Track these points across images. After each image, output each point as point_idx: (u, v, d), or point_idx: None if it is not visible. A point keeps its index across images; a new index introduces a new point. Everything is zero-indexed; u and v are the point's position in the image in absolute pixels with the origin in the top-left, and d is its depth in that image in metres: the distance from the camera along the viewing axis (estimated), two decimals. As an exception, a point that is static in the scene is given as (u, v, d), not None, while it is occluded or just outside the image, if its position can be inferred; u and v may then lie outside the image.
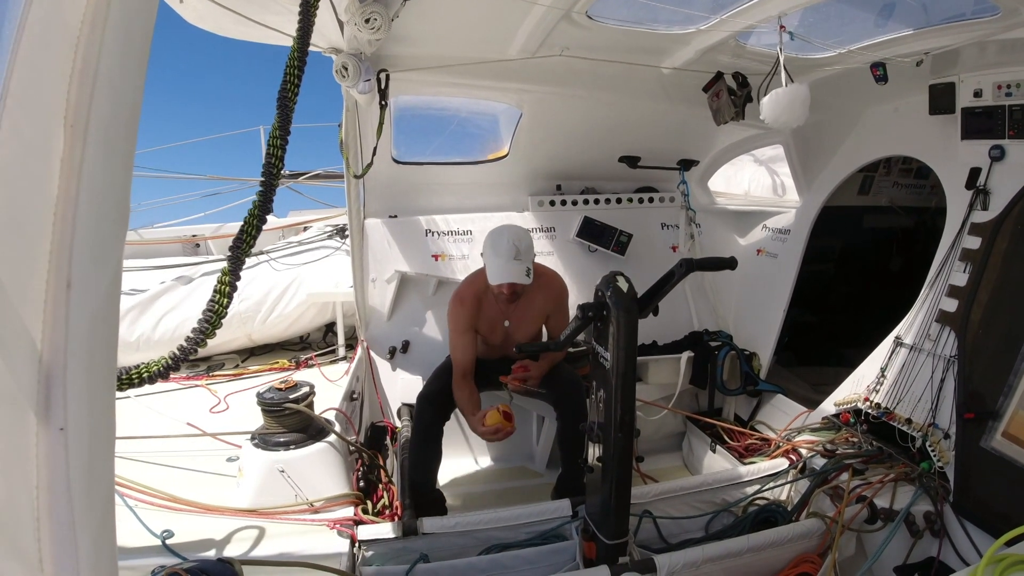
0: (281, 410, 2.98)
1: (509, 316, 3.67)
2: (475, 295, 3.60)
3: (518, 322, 3.69)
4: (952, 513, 2.81)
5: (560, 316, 3.75)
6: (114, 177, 0.98)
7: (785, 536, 2.73)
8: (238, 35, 3.35)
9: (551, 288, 3.72)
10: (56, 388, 0.91)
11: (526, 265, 3.35)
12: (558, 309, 3.74)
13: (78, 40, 0.90)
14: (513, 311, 3.64)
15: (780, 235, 4.82)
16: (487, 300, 3.61)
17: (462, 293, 3.64)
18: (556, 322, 3.75)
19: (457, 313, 3.60)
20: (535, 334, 3.78)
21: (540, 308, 3.69)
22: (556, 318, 3.75)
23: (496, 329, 3.70)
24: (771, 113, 3.16)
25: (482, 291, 3.58)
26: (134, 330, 4.99)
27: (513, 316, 3.67)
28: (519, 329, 3.71)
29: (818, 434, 3.61)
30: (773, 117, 3.15)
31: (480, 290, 3.58)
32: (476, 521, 2.88)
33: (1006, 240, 3.00)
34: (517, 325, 3.70)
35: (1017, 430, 2.69)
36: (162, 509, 2.75)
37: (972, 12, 2.96)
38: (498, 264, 3.34)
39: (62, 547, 0.92)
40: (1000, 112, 3.10)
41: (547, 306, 3.70)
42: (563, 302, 3.76)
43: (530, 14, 3.10)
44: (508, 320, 3.68)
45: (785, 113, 3.12)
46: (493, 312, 3.64)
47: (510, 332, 3.71)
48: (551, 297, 3.70)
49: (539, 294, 3.65)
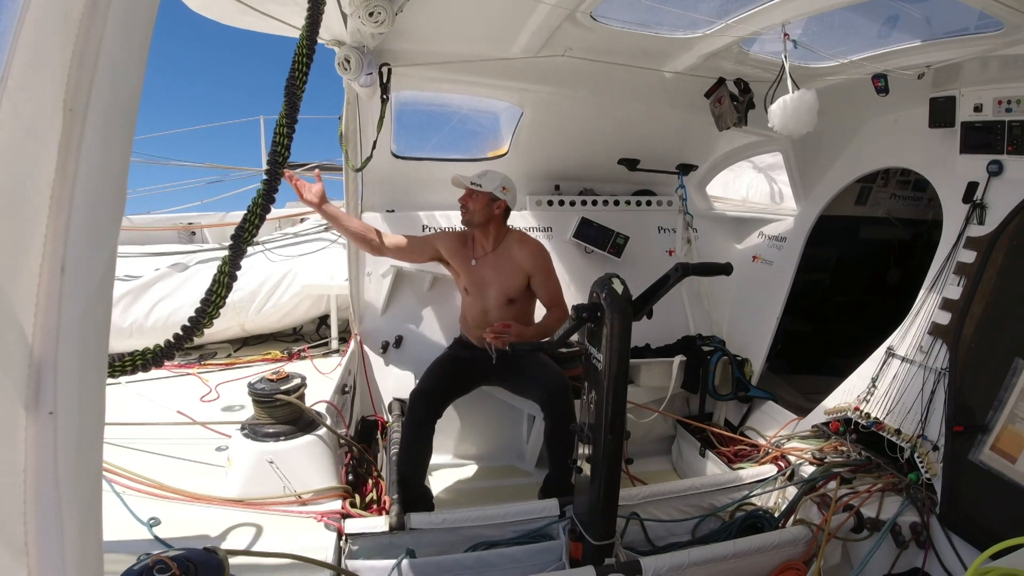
0: (272, 401, 2.98)
1: (478, 256, 3.83)
2: (460, 232, 4.00)
3: (490, 269, 3.79)
4: (938, 525, 2.82)
5: (544, 278, 3.81)
6: (112, 162, 0.98)
7: (771, 542, 2.74)
8: (241, 24, 3.34)
9: (527, 244, 3.85)
10: (47, 372, 0.91)
11: (480, 183, 3.65)
12: (539, 269, 3.79)
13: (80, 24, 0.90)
14: (482, 254, 3.83)
15: (776, 242, 4.83)
16: (468, 241, 3.89)
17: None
18: (542, 285, 3.82)
19: (442, 232, 4.13)
20: (512, 290, 3.78)
21: (516, 262, 3.76)
22: (540, 280, 3.80)
23: (464, 266, 3.86)
24: (779, 120, 3.15)
25: (469, 234, 3.89)
26: (127, 316, 4.98)
27: (483, 259, 3.82)
28: (492, 278, 3.79)
29: (807, 442, 3.62)
30: (782, 124, 3.15)
31: (467, 232, 3.90)
32: (464, 518, 2.88)
33: (1001, 255, 3.01)
34: (489, 272, 3.79)
35: (1006, 444, 2.70)
36: (150, 496, 2.74)
37: (975, 27, 2.97)
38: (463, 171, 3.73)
39: (48, 531, 0.92)
40: (1000, 127, 3.11)
41: (524, 263, 3.76)
42: (542, 261, 3.83)
43: (534, 13, 3.10)
44: (475, 260, 3.83)
45: (793, 120, 3.12)
46: (467, 250, 3.88)
47: (481, 276, 3.81)
48: (528, 253, 3.79)
49: (515, 248, 3.80)
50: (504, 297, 3.77)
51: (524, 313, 3.87)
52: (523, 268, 3.76)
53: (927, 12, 3.15)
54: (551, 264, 3.87)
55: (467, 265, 3.82)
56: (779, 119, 3.15)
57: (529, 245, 3.83)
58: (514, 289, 3.78)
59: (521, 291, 3.81)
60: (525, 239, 3.90)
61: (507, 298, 3.77)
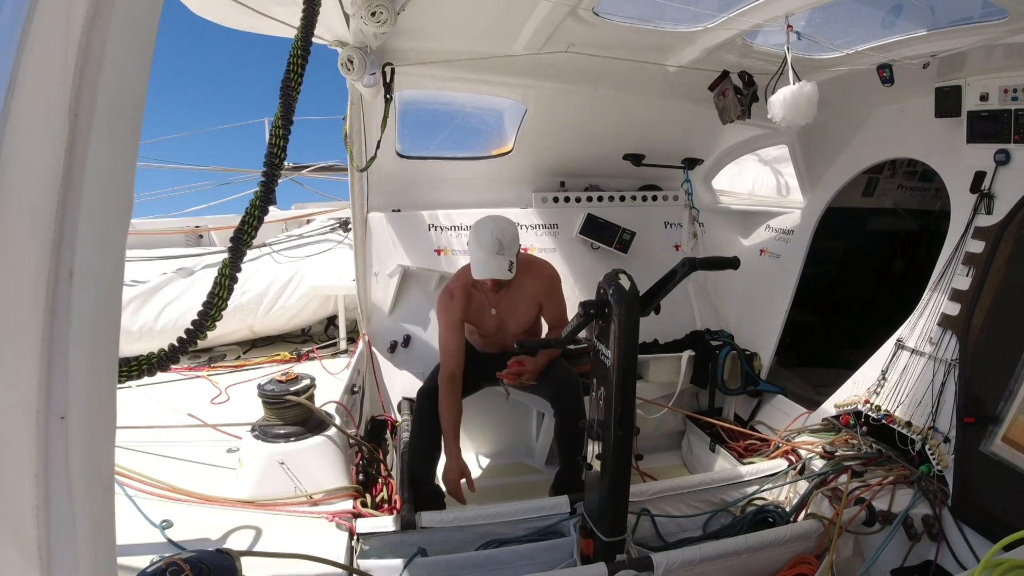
0: (282, 402, 2.99)
1: (496, 305, 3.65)
2: (463, 287, 3.59)
3: (507, 311, 3.68)
4: (950, 517, 2.81)
5: (554, 303, 3.74)
6: (118, 167, 0.98)
7: (783, 537, 2.73)
8: (243, 26, 3.34)
9: (540, 276, 3.70)
10: (58, 377, 0.91)
11: (509, 259, 3.34)
12: (550, 296, 3.72)
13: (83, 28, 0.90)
14: (501, 300, 3.63)
15: (783, 235, 4.81)
16: (476, 291, 3.60)
17: (450, 287, 3.65)
18: (550, 309, 3.75)
19: (446, 307, 3.58)
20: (528, 322, 3.76)
21: (530, 296, 3.67)
22: (550, 305, 3.74)
23: (486, 318, 3.68)
24: (779, 111, 3.15)
25: (470, 283, 3.55)
26: (136, 320, 5.01)
27: (501, 305, 3.66)
28: (510, 318, 3.69)
29: (818, 435, 3.61)
30: (781, 115, 3.14)
31: (468, 282, 3.56)
32: (474, 516, 2.89)
33: (1009, 245, 2.99)
34: (507, 314, 3.68)
35: (1017, 435, 2.68)
36: (161, 499, 2.76)
37: (980, 15, 2.95)
38: (481, 258, 3.33)
39: (61, 535, 0.92)
40: (1006, 116, 3.10)
41: (537, 294, 3.68)
42: (554, 289, 3.74)
43: (537, 10, 3.09)
44: (495, 308, 3.66)
45: (792, 111, 3.11)
46: (482, 302, 3.64)
47: (500, 320, 3.70)
48: (540, 285, 3.68)
49: (528, 282, 3.63)
50: (521, 329, 3.74)
51: (536, 334, 3.88)
52: (537, 299, 3.71)
53: (931, 1, 3.13)
54: (560, 287, 3.80)
55: (487, 316, 3.68)
56: (779, 110, 3.15)
57: (540, 275, 3.72)
58: (531, 320, 3.77)
59: (537, 319, 3.81)
60: (533, 266, 3.76)
61: (523, 329, 3.75)
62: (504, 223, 3.43)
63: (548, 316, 3.80)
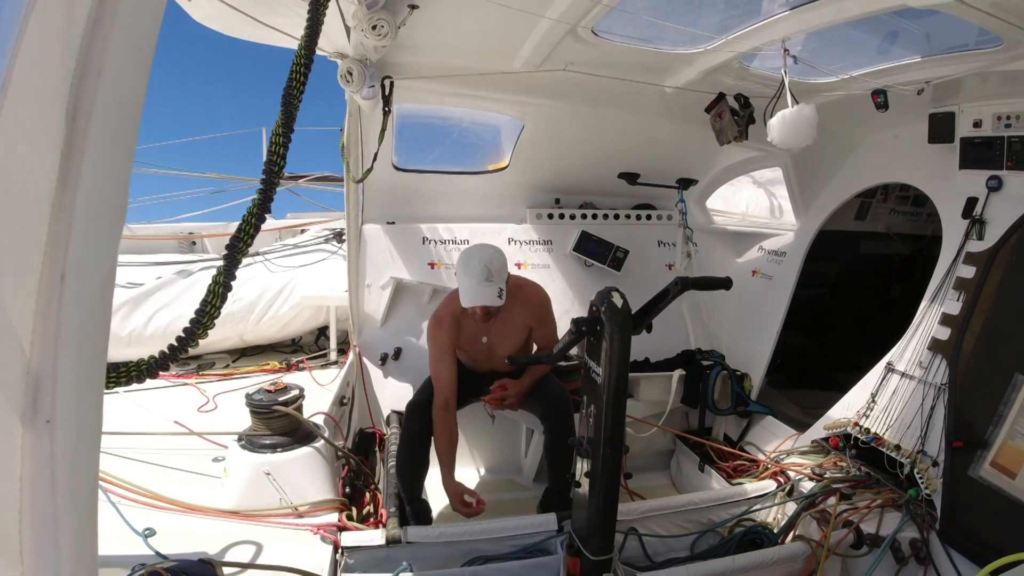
0: (269, 412, 2.97)
1: (487, 332, 3.62)
2: (452, 314, 3.55)
3: (498, 337, 3.65)
4: (938, 541, 2.81)
5: (544, 327, 3.72)
6: (113, 171, 0.98)
7: (770, 558, 2.72)
8: (245, 35, 3.36)
9: (529, 301, 3.67)
10: (45, 380, 0.91)
11: (498, 286, 3.30)
12: (540, 321, 3.70)
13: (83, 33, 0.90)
14: (491, 328, 3.58)
15: (776, 257, 4.83)
16: (465, 318, 3.55)
17: (439, 314, 3.61)
18: (541, 334, 3.73)
19: (436, 335, 3.55)
20: (518, 347, 3.73)
21: (520, 322, 3.65)
22: (540, 330, 3.72)
23: (476, 346, 3.66)
24: (778, 134, 3.17)
25: (459, 310, 3.49)
26: (126, 325, 4.97)
27: (492, 332, 3.62)
28: (500, 344, 3.66)
29: (807, 457, 3.61)
30: (780, 138, 3.17)
31: (457, 309, 3.50)
32: (461, 532, 2.87)
33: (1000, 270, 3.01)
34: (498, 341, 3.65)
35: (1006, 460, 2.69)
36: (145, 507, 2.72)
37: (975, 43, 2.99)
38: (469, 286, 3.30)
39: (43, 540, 0.91)
40: (999, 143, 3.13)
41: (527, 319, 3.66)
42: (545, 313, 3.72)
43: (536, 28, 3.12)
44: (486, 336, 3.63)
45: (792, 133, 3.14)
46: (472, 329, 3.60)
47: (491, 347, 3.67)
48: (530, 310, 3.66)
49: (517, 308, 3.60)
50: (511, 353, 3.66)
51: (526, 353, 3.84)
52: (527, 324, 3.69)
53: (927, 28, 3.17)
54: (551, 310, 3.78)
55: (479, 344, 3.66)
56: (778, 132, 3.18)
57: (529, 301, 3.69)
58: (521, 344, 3.75)
59: (528, 343, 3.79)
60: (523, 291, 3.69)
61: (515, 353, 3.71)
62: (492, 251, 3.41)
63: (539, 339, 3.78)
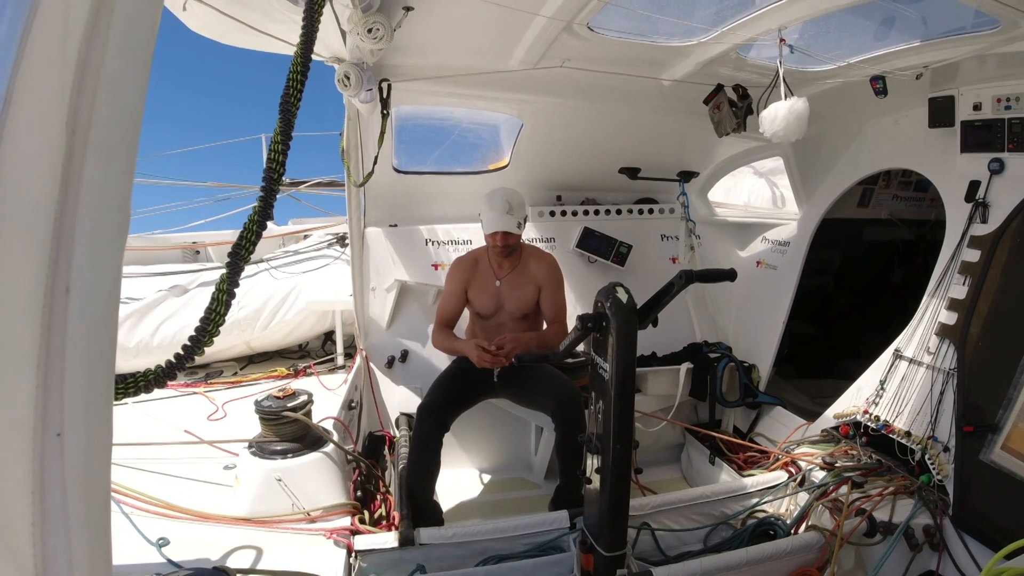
0: (279, 418, 2.98)
1: (501, 277, 3.81)
2: (473, 257, 3.91)
3: (509, 287, 3.80)
4: (951, 526, 2.80)
5: (552, 289, 3.84)
6: (115, 183, 0.98)
7: (784, 549, 2.71)
8: (240, 43, 3.37)
9: (542, 258, 3.88)
10: (53, 393, 0.91)
11: (517, 219, 3.60)
12: (550, 281, 3.83)
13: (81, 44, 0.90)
14: (505, 273, 3.80)
15: (780, 247, 4.82)
16: (483, 263, 3.85)
17: (461, 256, 3.99)
18: (548, 298, 3.83)
19: (453, 272, 3.90)
20: (528, 305, 3.82)
21: (532, 275, 3.80)
22: (548, 291, 3.83)
23: (489, 289, 3.82)
24: (769, 127, 3.19)
25: (480, 254, 3.88)
26: (133, 336, 5.00)
27: (506, 278, 3.81)
28: (511, 294, 3.80)
29: (817, 447, 3.59)
30: (772, 131, 3.19)
31: (479, 254, 3.89)
32: (473, 532, 2.86)
33: (1005, 253, 3.00)
34: (509, 291, 3.80)
35: (1017, 443, 2.68)
36: (158, 516, 2.74)
37: (972, 25, 2.98)
38: (492, 216, 3.59)
39: (57, 552, 0.92)
40: (999, 125, 3.12)
41: (539, 274, 3.81)
42: (555, 275, 3.87)
43: (532, 26, 3.12)
44: (499, 280, 3.81)
45: (783, 127, 3.16)
46: (487, 273, 3.85)
47: (502, 294, 3.81)
48: (543, 267, 3.83)
49: (532, 263, 3.84)
50: (520, 312, 3.81)
51: (534, 327, 3.91)
52: (537, 282, 3.80)
53: (924, 12, 3.17)
54: (562, 279, 3.89)
55: (491, 287, 3.82)
56: (769, 126, 3.21)
57: (544, 259, 3.88)
58: (529, 303, 3.83)
59: (534, 305, 3.86)
60: (539, 253, 3.95)
61: (522, 313, 3.82)
62: (512, 190, 3.72)
63: (545, 304, 3.84)
